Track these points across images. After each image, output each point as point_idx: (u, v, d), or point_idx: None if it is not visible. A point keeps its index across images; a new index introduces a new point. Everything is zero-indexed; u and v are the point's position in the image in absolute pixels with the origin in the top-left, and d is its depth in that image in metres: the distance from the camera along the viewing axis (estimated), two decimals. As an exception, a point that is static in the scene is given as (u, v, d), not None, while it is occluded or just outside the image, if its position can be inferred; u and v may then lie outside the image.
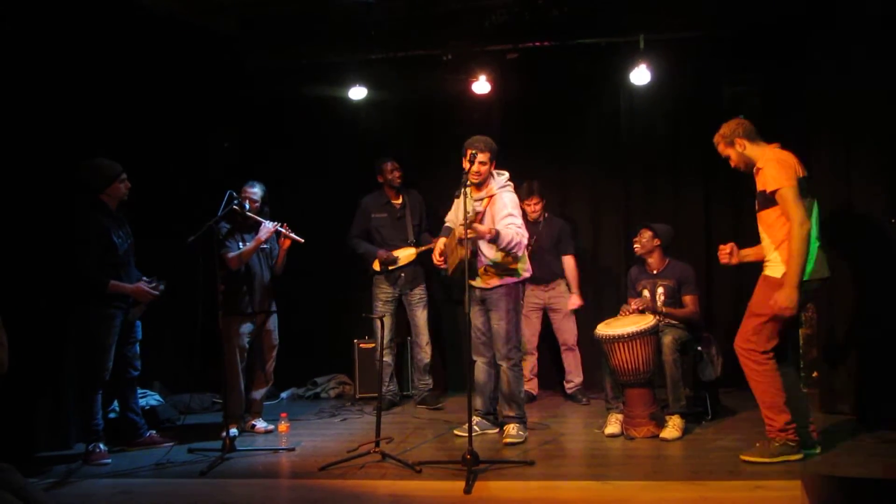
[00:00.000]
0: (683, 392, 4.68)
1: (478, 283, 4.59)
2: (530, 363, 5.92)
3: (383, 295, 5.77)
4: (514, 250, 4.46)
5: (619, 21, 5.60)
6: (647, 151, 6.24)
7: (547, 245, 5.79)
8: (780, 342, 4.00)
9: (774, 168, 3.87)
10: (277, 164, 6.42)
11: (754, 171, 4.02)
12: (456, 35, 5.80)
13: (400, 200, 5.89)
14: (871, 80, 4.72)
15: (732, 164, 4.15)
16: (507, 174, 4.64)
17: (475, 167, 4.47)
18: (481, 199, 4.57)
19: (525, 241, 4.55)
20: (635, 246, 5.10)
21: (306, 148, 6.57)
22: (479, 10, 5.54)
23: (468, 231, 4.15)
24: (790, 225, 3.81)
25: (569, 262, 5.84)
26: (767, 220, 3.99)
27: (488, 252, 4.52)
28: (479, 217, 4.47)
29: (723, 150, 4.14)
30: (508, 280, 4.58)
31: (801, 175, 3.89)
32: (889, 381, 4.64)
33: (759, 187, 3.97)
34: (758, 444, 4.03)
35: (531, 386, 5.95)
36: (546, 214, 5.88)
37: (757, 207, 4.05)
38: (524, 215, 5.13)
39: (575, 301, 5.82)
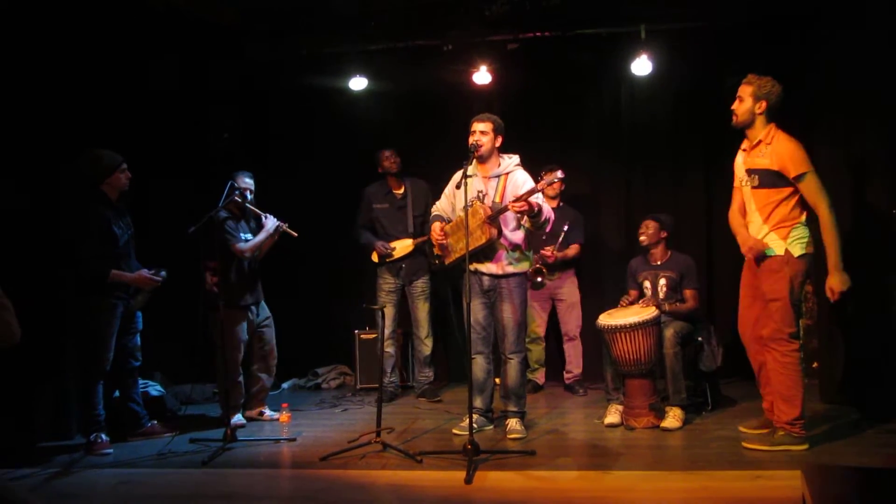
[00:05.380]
0: (684, 385, 4.67)
1: (491, 269, 4.45)
2: (537, 353, 5.93)
3: (386, 286, 5.75)
4: (547, 227, 4.45)
5: (620, 11, 5.59)
6: (648, 141, 6.22)
7: (558, 233, 5.68)
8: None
9: (798, 151, 3.87)
10: (278, 154, 6.42)
11: (755, 142, 4.01)
12: (457, 25, 5.78)
13: (402, 190, 5.81)
14: (873, 72, 4.69)
15: (736, 112, 4.02)
16: (517, 157, 4.56)
17: (476, 137, 4.40)
18: (489, 178, 4.48)
19: (553, 218, 4.52)
20: (641, 237, 5.07)
21: (307, 139, 6.56)
22: (479, 0, 5.52)
23: (518, 204, 4.12)
24: (819, 210, 3.85)
25: (573, 249, 5.81)
26: (766, 199, 3.97)
27: (512, 236, 4.44)
28: (483, 196, 4.43)
29: (746, 93, 4.00)
30: (523, 269, 4.51)
31: None
32: (890, 372, 4.64)
33: (765, 165, 3.94)
34: (761, 433, 4.11)
35: (538, 375, 5.96)
36: (561, 203, 5.87)
37: (755, 183, 4.01)
38: None
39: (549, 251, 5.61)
